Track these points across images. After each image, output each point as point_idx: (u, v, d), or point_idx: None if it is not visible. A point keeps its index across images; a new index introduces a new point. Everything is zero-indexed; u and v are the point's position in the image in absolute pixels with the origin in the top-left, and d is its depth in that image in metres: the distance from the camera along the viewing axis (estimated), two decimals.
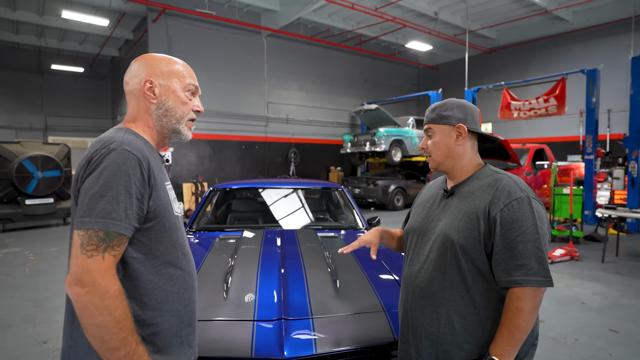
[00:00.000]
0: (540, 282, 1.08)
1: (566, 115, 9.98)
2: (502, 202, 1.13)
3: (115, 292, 0.88)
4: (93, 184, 0.90)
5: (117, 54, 14.72)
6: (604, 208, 5.82)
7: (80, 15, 9.98)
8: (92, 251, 0.87)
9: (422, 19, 12.43)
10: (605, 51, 11.90)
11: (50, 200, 8.12)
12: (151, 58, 1.11)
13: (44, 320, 3.47)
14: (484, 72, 14.50)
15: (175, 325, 1.03)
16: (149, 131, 1.10)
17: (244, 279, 1.96)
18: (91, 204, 0.89)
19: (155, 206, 0.98)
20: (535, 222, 1.11)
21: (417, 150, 12.07)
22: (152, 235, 0.99)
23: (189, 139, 1.17)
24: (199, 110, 1.16)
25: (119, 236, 0.90)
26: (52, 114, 15.18)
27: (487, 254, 1.16)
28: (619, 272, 5.00)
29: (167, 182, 1.09)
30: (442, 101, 1.31)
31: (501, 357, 1.10)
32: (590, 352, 2.91)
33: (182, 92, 1.11)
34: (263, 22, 12.40)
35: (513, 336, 1.09)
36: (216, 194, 3.62)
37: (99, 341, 0.86)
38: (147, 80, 1.07)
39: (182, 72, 1.12)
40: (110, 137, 0.97)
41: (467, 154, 1.29)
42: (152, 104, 1.08)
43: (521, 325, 1.08)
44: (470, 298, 1.17)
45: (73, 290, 0.86)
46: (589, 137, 8.25)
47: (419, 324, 1.25)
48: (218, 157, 12.25)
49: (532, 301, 1.09)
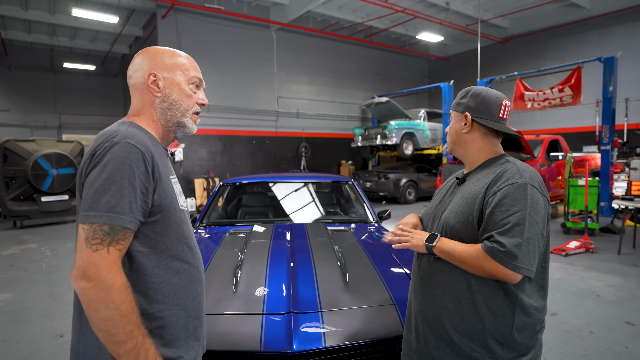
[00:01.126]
0: (504, 261, 1.05)
1: (582, 105, 9.74)
2: (498, 185, 1.14)
3: (121, 285, 0.88)
4: (97, 178, 0.90)
5: (128, 51, 14.85)
6: (621, 199, 5.69)
7: (90, 12, 10.10)
8: (97, 245, 0.88)
9: (433, 10, 12.21)
10: (622, 38, 11.53)
11: (65, 197, 8.28)
12: (154, 51, 1.10)
13: (60, 315, 3.55)
14: (496, 63, 14.22)
15: (183, 318, 1.04)
16: (154, 125, 1.10)
17: (253, 272, 1.97)
18: (95, 197, 0.89)
19: (160, 200, 0.98)
20: (525, 208, 1.08)
21: (429, 142, 11.93)
22: (158, 228, 0.99)
23: (193, 133, 1.16)
24: (204, 104, 1.15)
25: (123, 230, 0.90)
26: (66, 112, 15.44)
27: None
28: (635, 264, 4.89)
29: (172, 175, 1.09)
30: (466, 88, 1.33)
31: (439, 246, 1.18)
32: (605, 345, 2.85)
33: (186, 85, 1.10)
34: (272, 16, 12.35)
35: (454, 257, 1.15)
36: (226, 188, 3.63)
37: (106, 334, 0.87)
38: (151, 74, 1.06)
39: (185, 64, 1.11)
40: (114, 131, 0.97)
41: (476, 142, 1.29)
42: (156, 97, 1.08)
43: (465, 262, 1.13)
44: (466, 282, 1.18)
45: (79, 284, 0.87)
46: (606, 127, 8.04)
47: (418, 306, 1.30)
48: (229, 153, 12.32)
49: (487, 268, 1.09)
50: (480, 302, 1.16)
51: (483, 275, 1.12)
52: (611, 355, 2.72)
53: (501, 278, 1.09)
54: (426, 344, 1.25)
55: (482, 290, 1.16)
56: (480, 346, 1.16)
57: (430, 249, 1.20)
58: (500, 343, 1.15)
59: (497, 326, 1.15)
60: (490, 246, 1.07)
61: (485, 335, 1.15)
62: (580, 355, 2.71)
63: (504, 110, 1.26)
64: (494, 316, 1.15)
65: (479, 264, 1.10)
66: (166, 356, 0.99)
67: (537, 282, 1.19)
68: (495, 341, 1.15)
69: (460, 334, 1.17)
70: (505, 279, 1.08)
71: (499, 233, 1.08)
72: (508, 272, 1.06)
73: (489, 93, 1.28)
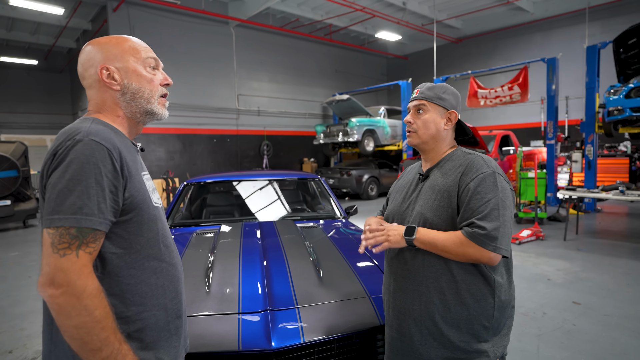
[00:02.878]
0: (485, 244, 1.11)
1: (528, 102, 10.40)
2: (470, 176, 1.19)
3: (93, 290, 0.83)
4: (60, 179, 0.85)
5: (75, 46, 13.91)
6: (565, 189, 6.15)
7: (31, 2, 9.30)
8: (64, 249, 0.82)
9: (391, 9, 12.51)
10: (562, 40, 12.45)
11: (7, 203, 7.64)
12: (97, 43, 1.02)
13: (7, 329, 3.28)
14: (451, 61, 14.82)
15: (162, 319, 1.00)
16: (119, 120, 1.03)
17: (225, 272, 1.93)
18: (59, 199, 0.84)
19: (131, 198, 0.93)
20: (497, 195, 1.16)
21: (389, 139, 12.23)
22: (131, 228, 0.94)
23: (166, 117, 1.10)
24: (168, 83, 1.09)
25: (92, 232, 0.85)
26: (4, 109, 14.21)
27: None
28: (579, 249, 5.32)
29: (143, 172, 1.04)
30: (439, 83, 1.34)
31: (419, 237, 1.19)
32: (557, 324, 3.09)
33: (143, 69, 1.03)
34: (230, 12, 12.08)
35: (437, 246, 1.18)
36: (190, 188, 3.53)
37: (79, 343, 0.83)
38: (103, 68, 1.00)
39: (135, 47, 1.04)
40: (76, 128, 0.90)
41: (448, 138, 1.34)
42: (116, 91, 1.01)
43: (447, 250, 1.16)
44: (449, 273, 1.21)
45: (47, 291, 0.81)
46: (550, 123, 8.64)
47: (401, 304, 1.29)
48: (189, 152, 11.94)
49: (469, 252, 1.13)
50: (464, 291, 1.20)
51: (465, 261, 1.17)
52: (562, 333, 2.95)
53: (484, 261, 1.14)
54: (412, 341, 1.26)
55: (464, 279, 1.21)
56: (467, 334, 1.21)
57: (410, 242, 1.21)
58: (485, 327, 1.21)
59: (481, 310, 1.21)
60: (472, 231, 1.13)
61: (472, 322, 1.20)
62: (535, 335, 2.92)
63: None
64: (477, 301, 1.20)
65: (463, 249, 1.14)
66: (146, 359, 0.95)
67: (505, 262, 1.27)
68: (481, 326, 1.21)
69: (449, 325, 1.21)
70: (488, 262, 1.14)
71: (479, 219, 1.13)
72: (490, 254, 1.12)
73: (456, 91, 1.35)
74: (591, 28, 11.60)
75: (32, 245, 6.44)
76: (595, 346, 2.74)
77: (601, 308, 3.38)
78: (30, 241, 6.81)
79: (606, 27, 11.47)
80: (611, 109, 6.86)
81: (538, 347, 2.75)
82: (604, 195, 5.45)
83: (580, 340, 2.83)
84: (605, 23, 11.57)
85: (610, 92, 7.01)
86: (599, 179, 8.41)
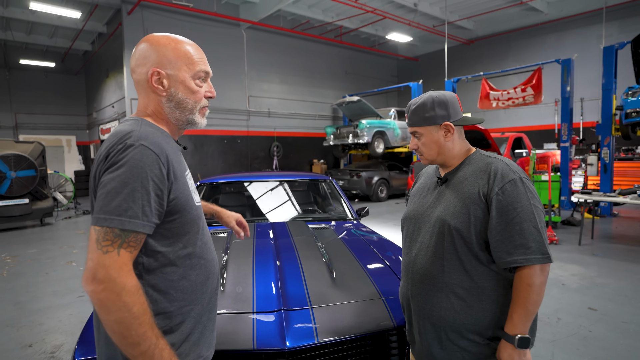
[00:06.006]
0: (539, 259, 1.12)
1: (542, 104, 10.26)
2: (497, 185, 1.16)
3: (132, 288, 0.87)
4: (110, 181, 0.89)
5: (90, 48, 14.18)
6: (580, 193, 6.05)
7: (49, 7, 9.54)
8: (107, 247, 0.86)
9: (402, 10, 12.47)
10: (577, 41, 12.26)
11: (26, 201, 7.82)
12: (156, 43, 1.03)
13: (27, 324, 3.36)
14: (462, 63, 14.72)
15: (201, 314, 1.05)
16: (164, 122, 1.08)
17: (239, 272, 1.95)
18: (107, 200, 0.88)
19: (176, 200, 0.97)
20: (529, 202, 1.14)
21: (399, 141, 12.18)
22: (175, 228, 0.99)
23: (204, 126, 1.13)
24: (211, 96, 1.12)
25: (134, 233, 0.89)
26: (22, 111, 14.54)
27: (482, 237, 1.19)
28: (595, 254, 5.22)
29: (186, 171, 1.07)
30: (420, 100, 1.30)
31: (523, 333, 1.14)
32: (572, 330, 3.04)
33: (191, 81, 1.05)
34: (242, 14, 12.18)
35: (528, 311, 1.14)
36: (203, 189, 3.56)
37: (119, 337, 0.87)
38: (154, 72, 1.02)
39: (190, 57, 1.05)
40: (127, 131, 0.94)
41: (456, 144, 1.31)
42: (162, 96, 1.04)
43: (534, 300, 1.13)
44: (469, 280, 1.20)
45: (89, 286, 0.85)
46: (564, 125, 8.50)
47: (420, 309, 1.28)
48: (200, 153, 12.06)
49: (541, 276, 1.13)
50: (485, 297, 1.19)
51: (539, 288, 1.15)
52: (577, 339, 2.90)
53: (547, 269, 1.15)
54: (431, 347, 1.26)
55: (485, 286, 1.20)
56: (480, 336, 1.21)
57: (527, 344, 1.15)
58: (500, 326, 1.20)
59: (498, 312, 1.20)
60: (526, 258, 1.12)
61: (491, 324, 1.20)
62: (550, 341, 2.87)
63: (460, 105, 1.33)
64: (496, 304, 1.20)
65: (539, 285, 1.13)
66: (186, 353, 1.00)
67: None
68: (497, 327, 1.20)
69: (469, 331, 1.20)
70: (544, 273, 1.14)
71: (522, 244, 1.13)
72: (544, 266, 1.14)
73: (447, 96, 1.29)
74: (608, 28, 11.39)
75: (49, 243, 6.57)
76: (612, 354, 2.69)
77: (619, 315, 3.31)
78: (47, 239, 6.95)
79: (624, 27, 11.27)
80: (629, 111, 6.73)
81: (553, 353, 2.71)
82: (622, 200, 5.35)
83: (596, 347, 2.77)
84: (622, 23, 11.36)
85: (628, 93, 6.87)
86: (616, 182, 8.26)
